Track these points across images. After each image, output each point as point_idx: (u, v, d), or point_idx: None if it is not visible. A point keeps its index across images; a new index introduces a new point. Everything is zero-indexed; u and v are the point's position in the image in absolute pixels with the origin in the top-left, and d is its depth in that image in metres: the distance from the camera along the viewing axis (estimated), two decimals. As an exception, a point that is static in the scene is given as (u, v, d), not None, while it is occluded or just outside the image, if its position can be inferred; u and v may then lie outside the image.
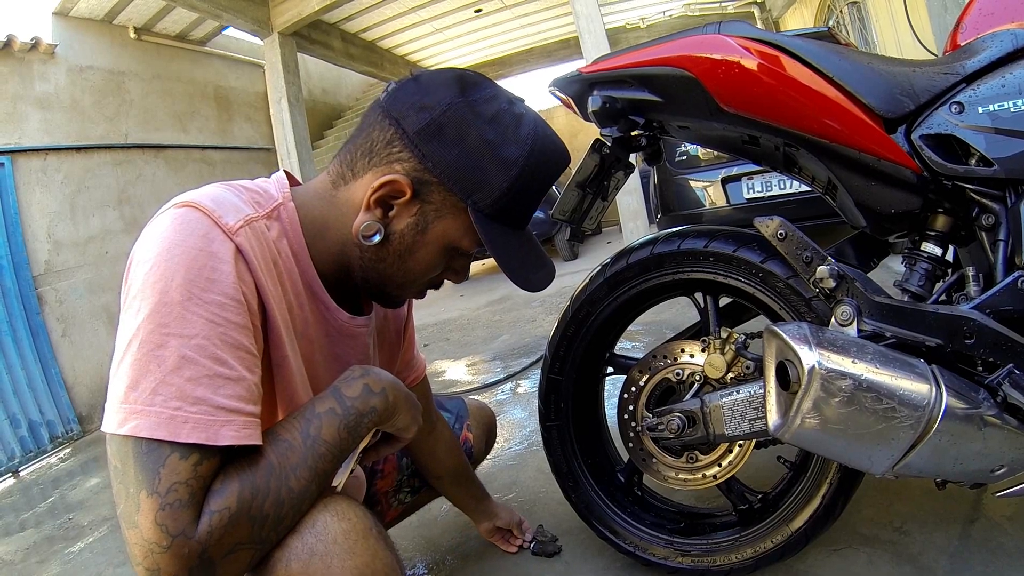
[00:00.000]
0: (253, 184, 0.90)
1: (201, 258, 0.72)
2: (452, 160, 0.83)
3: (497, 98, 0.87)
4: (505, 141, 0.84)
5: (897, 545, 1.31)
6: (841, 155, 1.05)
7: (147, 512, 0.64)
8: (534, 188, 0.88)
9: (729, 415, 1.14)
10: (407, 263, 0.90)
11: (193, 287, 0.70)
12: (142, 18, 6.54)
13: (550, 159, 0.89)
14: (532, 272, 0.92)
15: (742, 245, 1.18)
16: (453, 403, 1.59)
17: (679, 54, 1.09)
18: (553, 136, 0.91)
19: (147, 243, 0.74)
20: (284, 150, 7.24)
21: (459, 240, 0.89)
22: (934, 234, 1.09)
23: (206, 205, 0.76)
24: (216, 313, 0.71)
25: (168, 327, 0.69)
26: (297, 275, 0.89)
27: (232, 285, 0.73)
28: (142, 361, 0.68)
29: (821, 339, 0.93)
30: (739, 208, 3.92)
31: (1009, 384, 0.92)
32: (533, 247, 0.94)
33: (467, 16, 9.35)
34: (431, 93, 0.84)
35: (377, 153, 0.86)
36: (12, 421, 4.53)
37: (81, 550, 2.43)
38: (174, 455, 0.66)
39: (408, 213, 0.86)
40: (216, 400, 0.69)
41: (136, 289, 0.71)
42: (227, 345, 0.71)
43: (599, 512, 1.40)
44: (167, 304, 0.69)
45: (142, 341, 0.69)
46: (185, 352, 0.68)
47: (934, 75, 1.04)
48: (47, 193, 5.26)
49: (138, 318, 0.70)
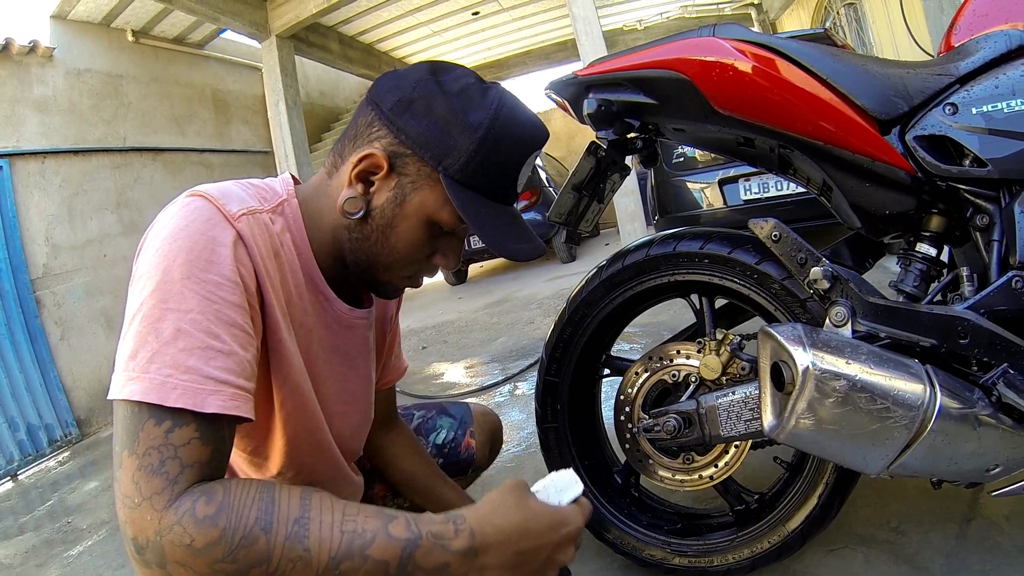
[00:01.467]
0: (260, 182, 0.94)
1: (202, 241, 0.76)
2: (422, 130, 0.86)
3: (465, 76, 0.91)
4: (470, 108, 0.87)
5: (894, 545, 1.32)
6: (836, 157, 1.06)
7: (127, 469, 0.67)
8: (504, 153, 0.89)
9: (725, 416, 1.15)
10: (390, 239, 0.92)
11: (193, 267, 0.74)
12: (140, 21, 6.54)
13: (517, 125, 0.90)
14: (510, 240, 0.92)
15: (737, 247, 1.19)
16: (457, 408, 1.59)
17: (674, 57, 1.09)
18: (522, 107, 0.93)
19: (156, 228, 0.79)
20: (282, 153, 7.24)
21: (437, 212, 0.90)
22: (929, 235, 1.09)
23: (212, 194, 0.81)
24: (212, 291, 0.75)
25: (167, 303, 0.72)
26: (298, 267, 0.93)
27: (229, 267, 0.77)
28: (142, 333, 0.72)
29: (815, 340, 0.93)
30: (736, 210, 3.93)
31: (1003, 384, 0.93)
32: (517, 223, 0.95)
33: (465, 18, 9.36)
34: (404, 76, 0.90)
35: (360, 135, 0.91)
36: (11, 425, 4.52)
37: (80, 553, 2.42)
38: (151, 420, 0.69)
39: (387, 187, 0.89)
40: (206, 370, 0.71)
41: (143, 268, 0.76)
42: (221, 321, 0.74)
43: (596, 513, 1.40)
44: (168, 282, 0.73)
45: (144, 315, 0.73)
46: (181, 325, 0.72)
47: (928, 76, 1.05)
48: (45, 196, 5.25)
49: (142, 294, 0.74)
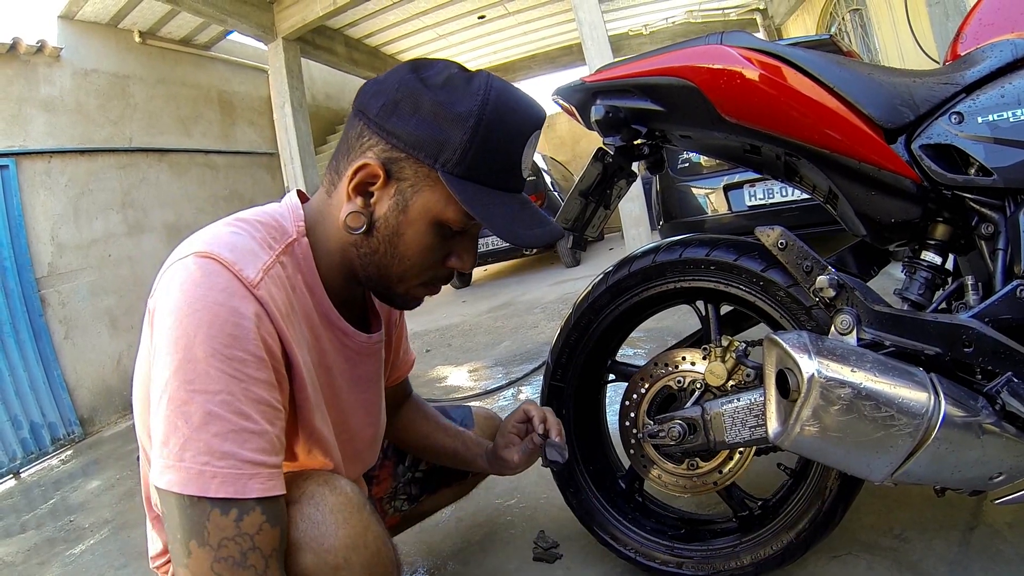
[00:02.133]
0: (267, 216, 0.91)
1: (223, 314, 0.74)
2: (412, 130, 0.83)
3: (448, 67, 0.87)
4: (457, 98, 0.83)
5: (897, 552, 1.32)
6: (842, 165, 1.06)
7: (201, 560, 0.70)
8: (500, 138, 0.86)
9: (730, 422, 1.15)
10: (399, 248, 0.89)
11: (216, 343, 0.73)
12: (147, 22, 6.56)
13: (510, 108, 0.86)
14: (522, 228, 0.88)
15: (743, 254, 1.19)
16: (458, 412, 1.59)
17: (681, 64, 1.10)
18: (513, 89, 0.89)
19: (170, 295, 0.76)
20: (287, 155, 7.26)
21: (442, 212, 0.87)
22: (934, 243, 1.10)
23: (225, 257, 0.78)
24: (238, 369, 0.74)
25: (193, 384, 0.72)
26: (312, 309, 0.92)
27: (254, 342, 0.76)
28: (171, 418, 0.71)
29: (821, 348, 0.93)
30: (741, 215, 3.93)
31: (1008, 392, 0.93)
32: (528, 209, 0.92)
33: (471, 22, 9.38)
34: (385, 80, 0.87)
35: (352, 148, 0.88)
36: (14, 422, 4.53)
37: (82, 552, 2.43)
38: (215, 510, 0.70)
39: (387, 195, 0.87)
40: (243, 454, 0.72)
41: (164, 343, 0.74)
42: (250, 400, 0.74)
43: (600, 518, 1.41)
44: (192, 360, 0.72)
45: (170, 397, 0.72)
46: (210, 408, 0.71)
47: (934, 85, 1.05)
48: (51, 195, 5.28)
49: (165, 373, 0.73)
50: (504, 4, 8.93)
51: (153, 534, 1.01)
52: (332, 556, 0.80)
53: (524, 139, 0.89)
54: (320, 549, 0.79)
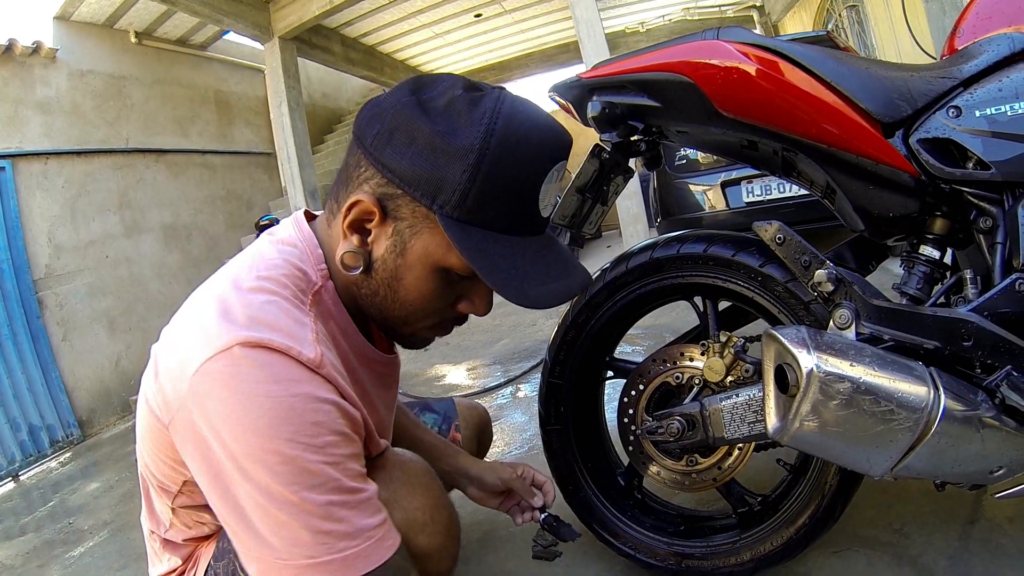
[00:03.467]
0: (287, 263, 0.83)
1: (299, 405, 0.69)
2: (408, 164, 0.74)
3: (452, 87, 0.77)
4: (458, 127, 0.73)
5: (897, 547, 1.32)
6: (839, 159, 1.06)
7: None
8: (509, 175, 0.74)
9: (728, 418, 1.15)
10: (399, 293, 0.82)
11: (302, 437, 0.69)
12: (143, 23, 6.55)
13: (522, 137, 0.74)
14: (534, 284, 0.77)
15: (741, 249, 1.19)
16: (441, 404, 1.58)
17: (678, 60, 1.09)
18: (527, 112, 0.77)
19: (230, 401, 0.68)
20: (284, 155, 7.24)
21: (444, 258, 0.78)
22: (932, 237, 1.09)
23: (278, 343, 0.71)
24: (332, 453, 0.71)
25: (298, 483, 0.68)
26: (348, 351, 0.89)
27: (337, 420, 0.73)
28: (291, 525, 0.69)
29: (819, 342, 0.93)
30: (739, 212, 3.92)
31: (1007, 386, 0.93)
32: (546, 254, 0.81)
33: (467, 21, 9.36)
34: (383, 102, 0.78)
35: (351, 179, 0.80)
36: (12, 425, 4.53)
37: (81, 554, 2.43)
38: None
39: (385, 235, 0.79)
40: (371, 523, 0.74)
41: (238, 455, 0.68)
42: (351, 476, 0.73)
43: (599, 515, 1.40)
44: (286, 462, 0.68)
45: (280, 504, 0.68)
46: (327, 497, 0.70)
47: (931, 79, 1.05)
48: (48, 197, 5.27)
49: (258, 482, 0.68)
50: (500, 2, 8.91)
51: (164, 554, 0.99)
52: (421, 514, 0.89)
53: (541, 173, 0.77)
54: (409, 507, 0.88)
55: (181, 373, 0.72)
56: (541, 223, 0.81)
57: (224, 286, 0.78)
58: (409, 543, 0.84)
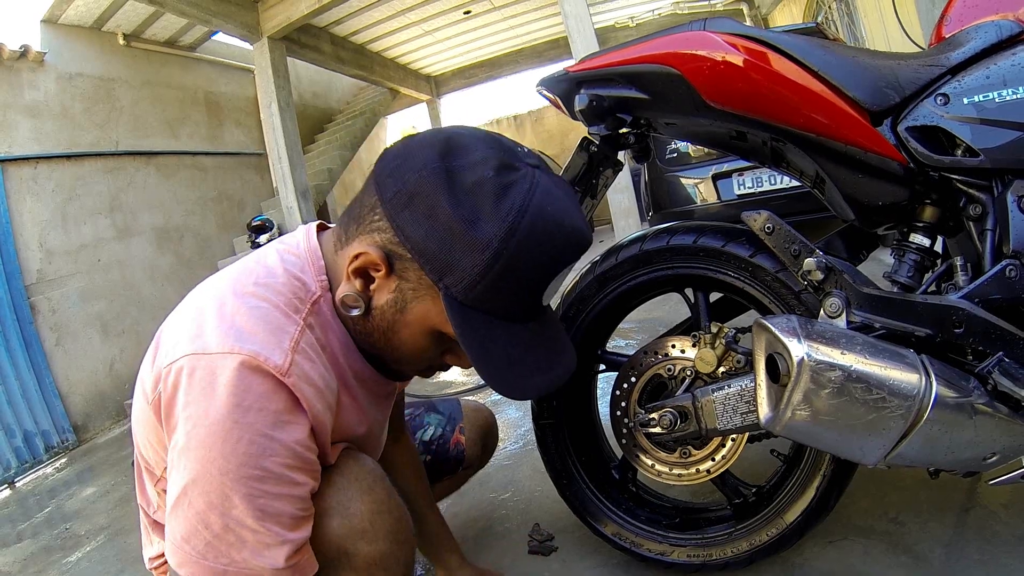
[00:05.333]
0: (287, 273, 0.85)
1: (236, 432, 0.72)
2: (422, 236, 0.74)
3: (484, 163, 0.74)
4: (480, 217, 0.72)
5: (892, 536, 1.32)
6: (828, 149, 1.06)
7: None
8: (521, 273, 0.75)
9: (721, 409, 1.15)
10: (392, 342, 0.85)
11: (231, 463, 0.72)
12: (131, 24, 6.51)
13: (543, 239, 0.74)
14: (522, 376, 0.80)
15: (731, 240, 1.19)
16: (446, 405, 1.57)
17: (665, 51, 1.09)
18: (554, 209, 0.75)
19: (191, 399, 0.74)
20: (275, 155, 7.21)
21: (442, 326, 0.80)
22: (922, 225, 1.09)
23: (246, 350, 0.74)
24: (256, 487, 0.73)
25: (210, 497, 0.72)
26: (346, 368, 0.90)
27: (274, 458, 0.74)
28: (192, 521, 0.73)
29: (810, 331, 0.93)
30: (730, 204, 3.93)
31: (999, 372, 0.93)
32: (539, 340, 0.83)
33: (457, 18, 9.34)
34: (411, 156, 0.77)
35: (363, 219, 0.81)
36: (7, 432, 4.50)
37: (79, 559, 2.41)
38: None
39: (388, 288, 0.80)
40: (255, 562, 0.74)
41: (183, 445, 0.74)
42: (267, 515, 0.74)
43: (594, 509, 1.40)
44: (210, 477, 0.72)
45: (190, 504, 0.73)
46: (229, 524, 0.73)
47: (919, 67, 1.04)
48: (38, 202, 5.23)
49: (185, 477, 0.73)
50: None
51: (155, 537, 1.01)
52: (359, 520, 0.84)
53: (551, 275, 0.78)
54: (347, 513, 0.84)
55: (168, 359, 0.77)
56: (541, 310, 0.84)
57: (224, 288, 0.82)
58: (350, 550, 0.84)
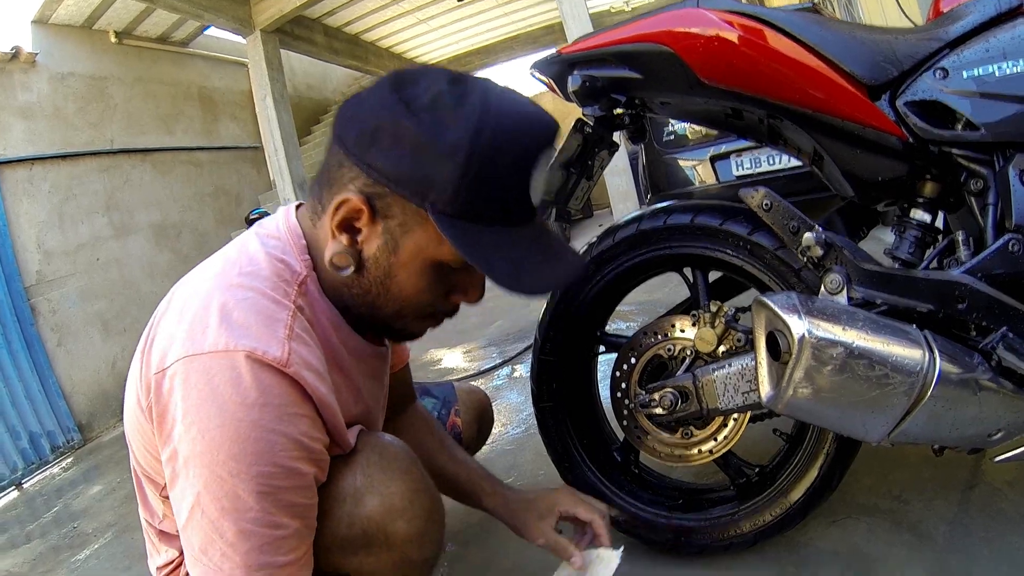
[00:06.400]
0: (269, 257, 0.84)
1: (244, 431, 0.71)
2: (394, 164, 0.74)
3: (436, 82, 0.76)
4: (445, 126, 0.72)
5: (896, 514, 1.32)
6: (825, 124, 1.05)
7: None
8: (500, 168, 0.75)
9: (722, 388, 1.14)
10: (391, 290, 0.83)
11: (241, 463, 0.71)
12: (122, 22, 6.47)
13: (510, 130, 0.75)
14: (528, 273, 0.79)
15: (728, 218, 1.17)
16: (440, 388, 1.57)
17: (658, 30, 1.08)
18: (513, 103, 0.77)
19: (190, 403, 0.72)
20: (271, 148, 7.21)
21: (438, 252, 0.79)
22: (922, 200, 1.08)
23: (243, 344, 0.73)
24: (266, 483, 0.73)
25: (223, 503, 0.72)
26: (339, 344, 0.89)
27: (282, 452, 0.74)
28: (206, 530, 0.73)
29: (810, 308, 0.92)
30: (729, 186, 3.90)
31: (1003, 347, 0.92)
32: (539, 241, 0.82)
33: (450, 5, 9.28)
34: (364, 101, 0.78)
35: (334, 179, 0.80)
36: (12, 434, 4.51)
37: (87, 557, 2.43)
38: None
39: (375, 234, 0.79)
40: (278, 560, 0.74)
41: (187, 452, 0.73)
42: (281, 507, 0.74)
43: (596, 491, 1.39)
44: (218, 480, 0.71)
45: (203, 513, 0.73)
46: (243, 526, 0.72)
47: (917, 41, 1.03)
48: (34, 203, 5.22)
49: (195, 486, 0.73)
50: (483, -15, 8.86)
51: (162, 547, 1.00)
52: (399, 499, 0.85)
53: (531, 164, 0.77)
54: (387, 492, 0.85)
55: (160, 365, 0.76)
56: (532, 211, 0.82)
57: (210, 283, 0.81)
58: (388, 529, 0.84)
